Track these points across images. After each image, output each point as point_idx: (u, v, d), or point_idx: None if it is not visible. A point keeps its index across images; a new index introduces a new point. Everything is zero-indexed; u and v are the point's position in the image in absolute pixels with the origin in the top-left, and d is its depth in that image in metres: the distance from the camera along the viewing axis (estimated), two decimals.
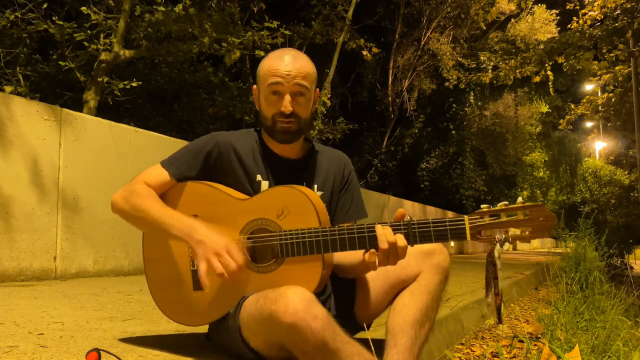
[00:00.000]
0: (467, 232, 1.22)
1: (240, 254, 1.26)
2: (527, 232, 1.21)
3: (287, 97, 1.40)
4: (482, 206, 1.24)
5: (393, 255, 1.24)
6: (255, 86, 1.51)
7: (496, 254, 1.26)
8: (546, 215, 1.19)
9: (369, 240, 1.27)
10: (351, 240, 1.28)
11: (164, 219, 1.34)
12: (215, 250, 1.25)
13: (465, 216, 1.23)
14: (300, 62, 1.44)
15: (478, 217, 1.22)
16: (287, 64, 1.42)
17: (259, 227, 1.34)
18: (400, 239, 1.24)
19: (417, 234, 1.25)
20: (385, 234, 1.24)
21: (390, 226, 1.26)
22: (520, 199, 1.24)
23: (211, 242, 1.26)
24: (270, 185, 1.46)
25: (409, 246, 1.25)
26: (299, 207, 1.32)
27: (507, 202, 1.23)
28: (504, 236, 1.22)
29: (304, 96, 1.43)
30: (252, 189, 1.45)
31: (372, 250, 1.27)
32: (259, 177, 1.46)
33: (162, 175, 1.44)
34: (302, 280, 1.25)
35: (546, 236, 1.24)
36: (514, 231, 1.21)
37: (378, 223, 1.27)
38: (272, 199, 1.35)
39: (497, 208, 1.22)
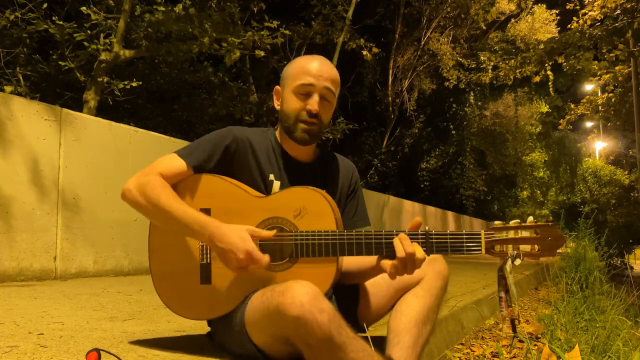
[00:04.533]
0: (483, 246, 1.27)
1: (261, 255, 1.27)
2: (536, 250, 1.26)
3: (316, 97, 1.43)
4: (495, 222, 1.30)
5: (410, 265, 1.25)
6: (277, 87, 1.53)
7: (507, 269, 1.30)
8: (555, 235, 1.25)
9: (385, 247, 1.28)
10: (368, 246, 1.29)
11: (182, 219, 1.32)
12: (237, 259, 1.26)
13: (482, 231, 1.28)
14: (332, 68, 1.49)
15: (493, 232, 1.28)
16: (320, 66, 1.46)
17: (274, 225, 1.34)
18: (419, 251, 1.25)
19: (434, 244, 1.27)
20: (403, 245, 1.25)
21: (408, 235, 1.27)
22: (531, 217, 1.31)
23: (234, 249, 1.26)
24: (282, 186, 1.46)
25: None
26: (317, 208, 1.33)
27: (519, 220, 1.29)
28: (515, 252, 1.27)
29: (329, 102, 1.47)
30: (265, 187, 1.45)
31: (388, 261, 1.28)
32: (271, 177, 1.47)
33: (179, 164, 1.41)
34: (315, 281, 1.25)
35: (554, 255, 1.30)
36: (523, 248, 1.27)
37: (396, 231, 1.28)
38: (290, 199, 1.35)
39: (509, 225, 1.28)
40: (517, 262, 1.27)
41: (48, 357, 1.28)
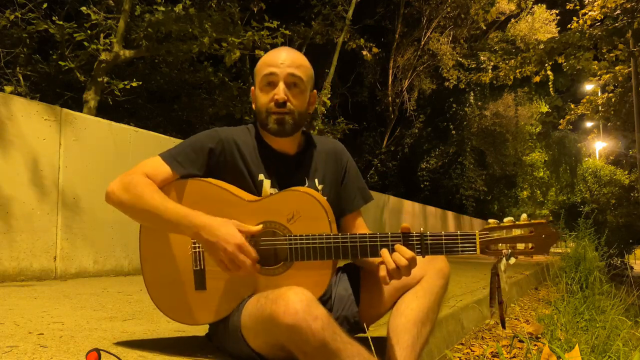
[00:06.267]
0: (478, 246, 1.27)
1: (252, 249, 1.26)
2: (529, 248, 1.26)
3: (281, 85, 1.39)
4: (489, 221, 1.30)
5: (405, 271, 1.26)
6: (252, 87, 1.50)
7: (502, 267, 1.30)
8: (549, 233, 1.26)
9: (381, 249, 1.28)
10: (363, 249, 1.29)
11: (169, 215, 1.30)
12: (225, 251, 1.24)
13: (476, 231, 1.28)
14: (295, 54, 1.46)
15: (487, 232, 1.28)
16: (281, 55, 1.43)
17: (267, 229, 1.33)
18: (409, 254, 1.25)
19: (428, 245, 1.27)
20: (392, 257, 1.25)
21: (403, 237, 1.27)
22: (524, 215, 1.30)
23: (223, 242, 1.25)
24: (272, 184, 1.44)
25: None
26: (311, 212, 1.31)
27: (512, 218, 1.28)
28: (510, 250, 1.27)
29: (298, 87, 1.42)
30: (255, 188, 1.43)
31: (384, 266, 1.28)
32: (261, 177, 1.44)
33: (163, 169, 1.39)
34: (310, 285, 1.24)
35: (547, 253, 1.30)
36: (518, 246, 1.27)
37: (391, 234, 1.28)
38: (283, 203, 1.34)
39: (504, 224, 1.28)
40: (512, 260, 1.28)
41: (48, 357, 1.28)
